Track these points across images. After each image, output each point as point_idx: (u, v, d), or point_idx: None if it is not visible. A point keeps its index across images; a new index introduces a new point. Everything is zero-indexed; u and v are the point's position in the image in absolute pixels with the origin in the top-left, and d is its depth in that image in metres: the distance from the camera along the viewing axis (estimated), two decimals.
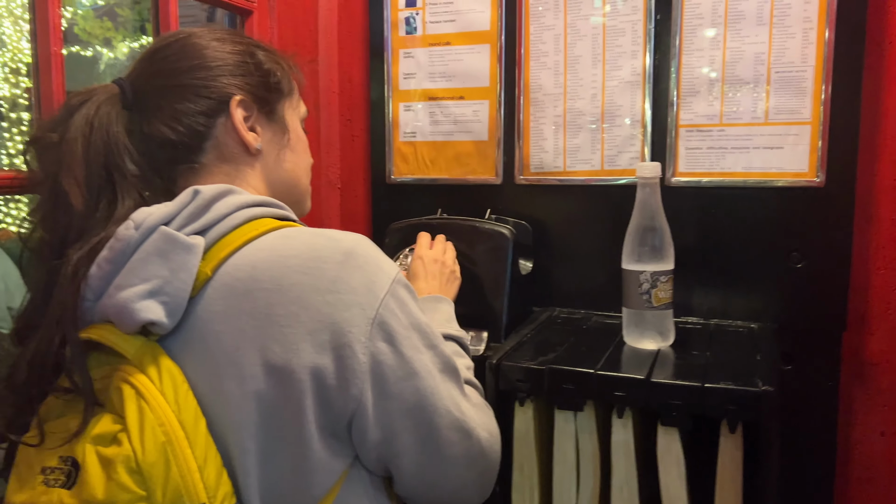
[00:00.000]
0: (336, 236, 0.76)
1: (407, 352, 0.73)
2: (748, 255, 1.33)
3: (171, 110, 0.83)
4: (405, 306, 0.75)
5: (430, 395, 0.75)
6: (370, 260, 0.74)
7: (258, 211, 0.78)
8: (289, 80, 0.92)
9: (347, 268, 0.72)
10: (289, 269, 0.71)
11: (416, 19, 1.52)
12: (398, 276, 0.76)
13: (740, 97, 1.30)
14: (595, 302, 1.42)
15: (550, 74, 1.42)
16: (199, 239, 0.73)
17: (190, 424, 0.69)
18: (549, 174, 1.44)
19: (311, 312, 0.70)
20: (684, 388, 1.00)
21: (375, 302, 0.72)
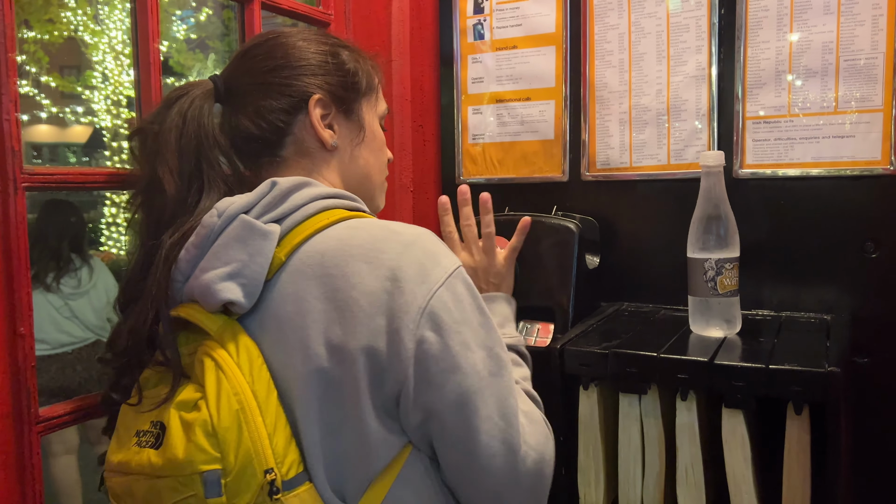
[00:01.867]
0: (399, 229, 0.80)
1: (454, 345, 0.75)
2: (819, 246, 1.31)
3: (255, 106, 0.90)
4: (460, 301, 0.77)
5: (472, 395, 0.75)
6: (428, 252, 0.78)
7: (330, 202, 0.84)
8: (370, 79, 0.97)
9: (405, 258, 0.76)
10: (352, 257, 0.76)
11: (483, 26, 1.58)
12: (457, 272, 0.78)
13: (808, 87, 1.29)
14: (664, 295, 1.43)
15: (615, 72, 1.45)
16: (276, 226, 0.80)
17: (262, 395, 0.75)
18: (616, 170, 1.47)
19: (370, 298, 0.75)
20: (749, 370, 1.00)
21: (428, 292, 0.75)
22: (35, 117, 8.28)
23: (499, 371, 0.78)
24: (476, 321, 0.78)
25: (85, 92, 7.81)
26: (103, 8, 7.59)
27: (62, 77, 7.94)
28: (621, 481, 1.12)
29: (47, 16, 7.30)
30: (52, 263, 2.82)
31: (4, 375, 0.92)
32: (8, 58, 0.90)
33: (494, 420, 0.76)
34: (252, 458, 0.72)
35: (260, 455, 0.72)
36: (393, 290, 0.74)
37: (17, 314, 0.93)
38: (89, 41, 7.50)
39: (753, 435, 1.03)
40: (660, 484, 1.09)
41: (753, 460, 1.03)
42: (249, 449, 0.72)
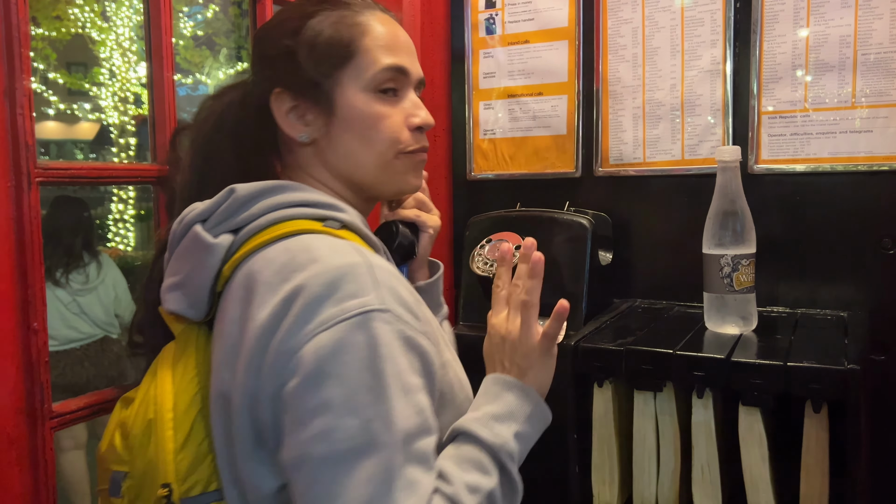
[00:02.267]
0: (322, 257, 0.69)
1: (311, 401, 0.64)
2: (836, 242, 1.30)
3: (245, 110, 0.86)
4: (347, 352, 0.64)
5: (313, 464, 0.63)
6: (331, 290, 0.66)
7: (290, 213, 0.76)
8: (350, 43, 0.80)
9: (305, 291, 0.67)
10: (264, 284, 0.70)
11: (495, 20, 1.57)
12: (363, 318, 0.65)
13: (825, 81, 1.28)
14: (677, 292, 1.42)
15: (629, 67, 1.44)
16: (224, 239, 0.76)
17: (182, 408, 0.73)
18: (629, 165, 1.45)
19: (259, 331, 0.68)
20: (766, 367, 0.99)
21: (308, 333, 0.65)
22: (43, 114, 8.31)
23: (367, 451, 0.62)
24: (361, 382, 0.64)
25: (92, 89, 7.82)
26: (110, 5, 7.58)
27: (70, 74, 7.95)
28: (636, 479, 1.11)
29: (55, 12, 7.31)
30: (63, 259, 2.82)
31: (18, 371, 0.92)
32: (22, 53, 0.90)
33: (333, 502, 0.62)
34: (153, 469, 0.71)
35: (159, 469, 0.71)
36: (275, 325, 0.67)
37: (30, 309, 0.92)
38: (97, 38, 7.50)
39: (771, 433, 1.02)
40: (675, 482, 1.08)
41: (771, 459, 1.02)
42: (152, 460, 0.71)
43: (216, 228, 0.77)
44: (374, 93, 0.80)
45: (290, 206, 0.77)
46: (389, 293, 0.69)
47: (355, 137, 0.81)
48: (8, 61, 0.89)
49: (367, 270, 0.69)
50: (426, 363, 0.70)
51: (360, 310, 0.66)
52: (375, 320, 0.66)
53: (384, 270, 0.71)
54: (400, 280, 0.73)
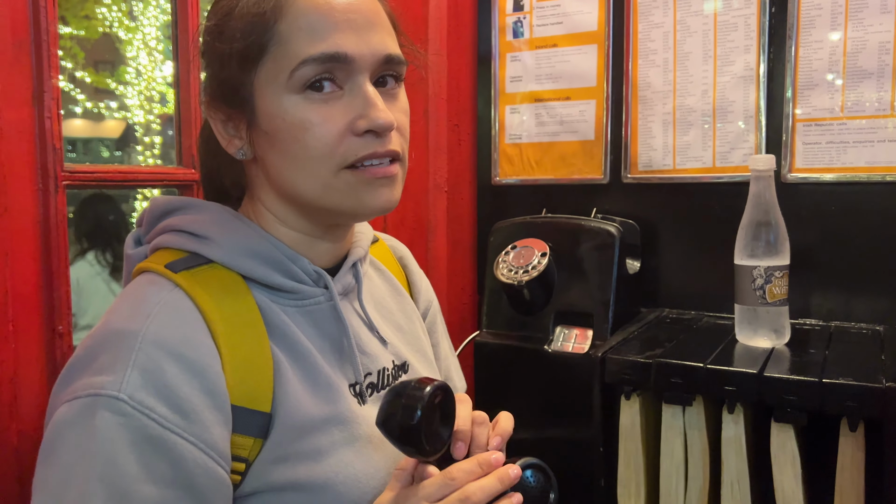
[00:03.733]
0: (114, 314, 0.61)
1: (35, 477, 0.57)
2: (872, 253, 1.26)
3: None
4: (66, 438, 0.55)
5: None
6: (86, 358, 0.59)
7: (168, 239, 0.69)
8: (266, 27, 0.62)
9: (79, 350, 0.60)
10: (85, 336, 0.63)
11: (523, 23, 1.55)
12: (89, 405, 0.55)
13: (863, 89, 1.24)
14: (707, 303, 1.39)
15: (659, 72, 1.41)
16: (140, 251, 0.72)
17: None
18: (658, 172, 1.43)
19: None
20: (800, 384, 0.96)
21: (57, 402, 0.58)
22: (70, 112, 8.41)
23: None
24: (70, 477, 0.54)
25: (118, 87, 7.90)
26: (137, 4, 7.66)
27: (97, 73, 8.04)
28: (663, 495, 1.08)
29: (83, 12, 7.40)
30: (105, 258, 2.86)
31: (43, 374, 0.92)
32: (51, 55, 0.90)
33: None
34: None
35: None
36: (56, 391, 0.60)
37: (56, 313, 0.93)
38: (124, 37, 7.59)
39: (804, 451, 0.99)
40: (703, 499, 1.06)
41: (804, 478, 0.99)
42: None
43: (143, 238, 0.74)
44: (301, 92, 0.63)
45: (175, 230, 0.69)
46: (142, 376, 0.56)
47: (280, 153, 0.65)
48: (37, 64, 0.89)
49: (136, 343, 0.57)
50: (182, 470, 0.56)
51: (94, 391, 0.55)
52: (100, 407, 0.54)
53: (163, 345, 0.57)
54: (184, 358, 0.58)
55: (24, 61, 0.89)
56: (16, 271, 0.88)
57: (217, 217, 0.70)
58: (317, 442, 0.65)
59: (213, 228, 0.68)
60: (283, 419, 0.63)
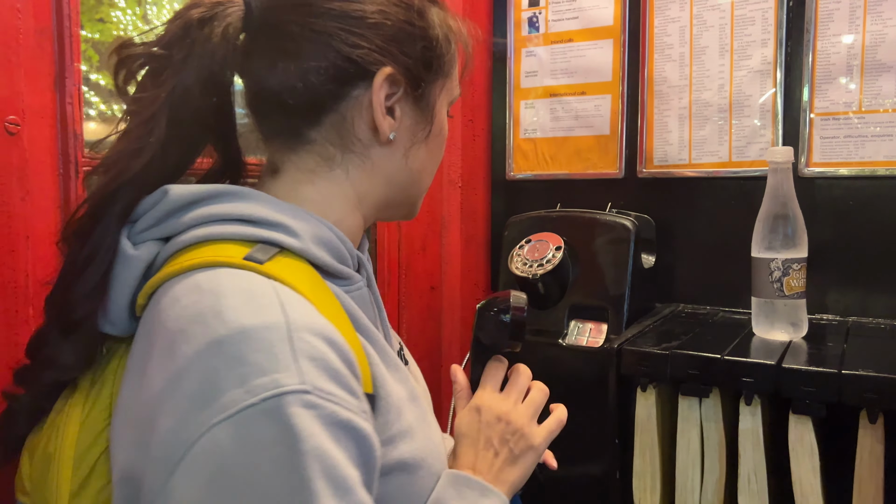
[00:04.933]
0: (228, 312, 0.53)
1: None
2: (890, 248, 1.25)
3: (299, 60, 0.65)
4: (254, 450, 0.49)
5: None
6: (234, 363, 0.51)
7: (222, 230, 0.62)
8: (453, 55, 0.72)
9: (199, 363, 0.52)
10: (161, 334, 0.56)
11: (538, 18, 1.55)
12: (268, 404, 0.49)
13: (882, 82, 1.24)
14: (723, 298, 1.38)
15: (675, 66, 1.41)
16: (148, 250, 0.63)
17: (84, 445, 0.61)
18: (674, 167, 1.43)
19: (153, 398, 0.53)
20: (819, 375, 0.95)
21: (201, 425, 0.49)
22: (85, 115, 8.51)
23: None
24: (276, 488, 0.49)
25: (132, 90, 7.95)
26: (152, 8, 7.72)
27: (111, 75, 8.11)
28: (678, 487, 1.08)
29: (98, 15, 7.46)
30: None
31: None
32: (73, 42, 0.91)
33: None
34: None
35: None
36: (168, 402, 0.52)
37: None
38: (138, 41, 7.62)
39: (822, 443, 0.98)
40: (719, 491, 1.05)
41: (822, 470, 0.98)
42: (50, 499, 0.61)
43: (142, 234, 0.63)
44: (447, 110, 0.75)
45: (225, 220, 0.62)
46: (312, 364, 0.52)
47: (431, 154, 0.73)
48: (59, 50, 0.90)
49: (285, 334, 0.53)
50: (365, 449, 0.54)
51: (272, 393, 0.50)
52: (291, 405, 0.50)
53: (310, 330, 0.54)
54: (329, 339, 0.55)
55: (47, 47, 0.89)
56: (36, 255, 0.88)
57: (275, 203, 0.65)
58: (407, 420, 0.64)
59: (281, 216, 0.63)
60: (383, 400, 0.62)
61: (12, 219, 0.85)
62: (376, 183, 0.70)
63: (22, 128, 0.86)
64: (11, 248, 0.85)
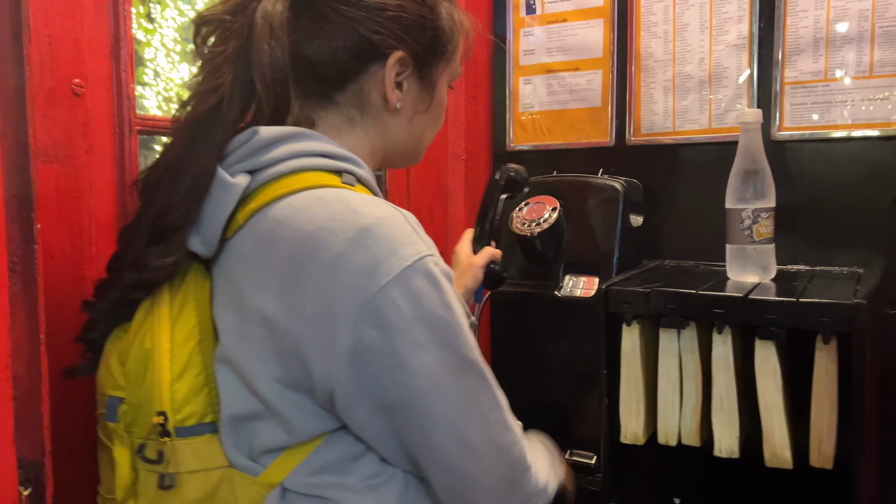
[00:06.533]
0: (361, 208, 0.71)
1: (401, 345, 0.68)
2: (853, 205, 1.38)
3: (332, 39, 0.80)
4: (416, 297, 0.69)
5: (423, 395, 0.70)
6: (384, 241, 0.69)
7: (312, 162, 0.77)
8: (457, 43, 0.89)
9: (355, 246, 0.69)
10: (301, 234, 0.70)
11: (535, 0, 1.69)
12: (418, 264, 0.69)
13: (844, 53, 1.37)
14: (704, 254, 1.50)
15: (660, 42, 1.54)
16: (242, 179, 0.76)
17: (179, 339, 0.74)
18: (660, 135, 1.56)
19: (311, 281, 0.69)
20: (780, 304, 1.08)
21: (373, 287, 0.68)
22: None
23: (462, 369, 0.72)
24: (437, 318, 0.70)
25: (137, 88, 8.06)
26: (156, 7, 7.83)
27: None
28: (660, 412, 1.21)
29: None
30: None
31: None
32: (126, 15, 1.04)
33: (450, 419, 0.71)
34: (148, 397, 0.73)
35: (154, 398, 0.72)
36: (333, 280, 0.68)
37: None
38: (142, 38, 7.74)
39: (785, 366, 1.11)
40: (696, 414, 1.18)
41: (784, 389, 1.11)
42: (148, 388, 0.73)
43: (234, 167, 0.77)
44: (449, 85, 0.93)
45: (310, 155, 0.78)
46: (425, 237, 0.74)
47: (430, 122, 0.91)
48: (114, 22, 1.03)
49: (405, 220, 0.73)
50: (463, 308, 0.76)
51: (417, 257, 0.70)
52: (429, 263, 0.71)
53: (413, 219, 0.75)
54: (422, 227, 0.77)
55: (104, 20, 1.02)
56: (97, 201, 1.02)
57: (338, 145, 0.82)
58: None
59: (348, 153, 0.81)
60: None
61: (79, 169, 0.99)
62: (386, 140, 0.88)
63: (85, 90, 1.00)
64: (77, 194, 0.99)
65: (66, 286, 0.94)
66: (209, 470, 0.73)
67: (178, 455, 0.72)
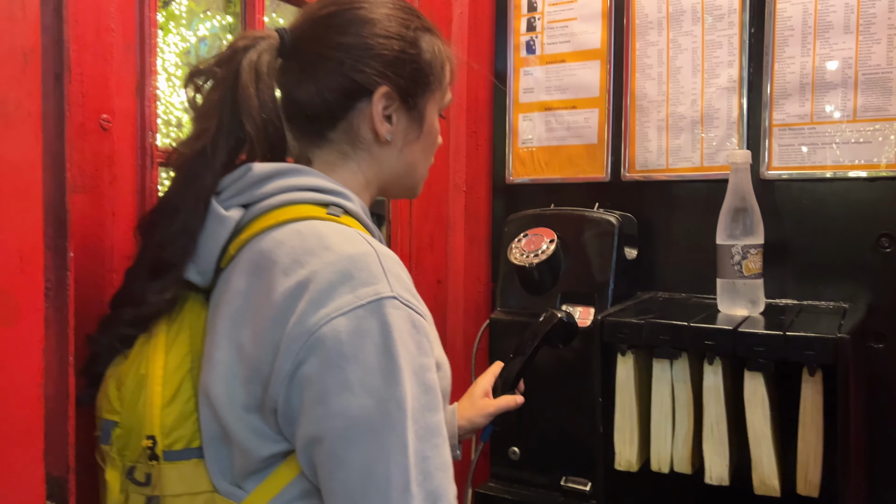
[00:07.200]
0: (334, 245, 0.74)
1: (328, 379, 0.69)
2: (839, 242, 1.44)
3: (317, 82, 0.85)
4: (361, 337, 0.69)
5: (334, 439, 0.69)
6: (345, 278, 0.71)
7: (300, 196, 0.81)
8: (443, 72, 0.92)
9: (318, 279, 0.71)
10: (276, 266, 0.74)
11: (535, 42, 1.76)
12: (373, 305, 0.70)
13: (829, 98, 1.44)
14: (696, 286, 1.56)
15: (654, 84, 1.61)
16: (236, 212, 0.81)
17: (172, 366, 0.77)
18: (653, 171, 1.62)
19: (274, 309, 0.72)
20: (768, 337, 1.14)
21: (324, 318, 0.69)
22: None
23: (382, 425, 0.68)
24: (377, 366, 0.69)
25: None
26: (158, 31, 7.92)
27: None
28: (654, 439, 1.26)
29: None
30: None
31: None
32: (152, 55, 1.10)
33: (351, 478, 0.68)
34: (140, 421, 0.76)
35: (146, 420, 0.75)
36: (292, 307, 0.71)
37: None
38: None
39: (773, 397, 1.16)
40: (688, 442, 1.23)
41: (773, 419, 1.16)
42: (140, 412, 0.76)
43: (228, 201, 0.82)
44: (440, 113, 0.96)
45: (300, 189, 0.81)
46: (396, 280, 0.74)
47: (422, 151, 0.93)
48: (140, 63, 1.09)
49: (377, 259, 0.73)
50: (430, 344, 0.75)
51: (374, 297, 0.70)
52: (387, 307, 0.71)
53: (389, 258, 0.76)
54: (401, 265, 0.78)
55: (131, 59, 1.08)
56: (119, 229, 1.06)
57: (329, 179, 0.85)
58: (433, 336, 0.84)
59: (338, 187, 0.84)
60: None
61: (103, 199, 1.03)
62: (380, 171, 0.91)
63: (112, 124, 1.05)
64: (101, 222, 1.04)
65: (90, 311, 0.98)
66: (194, 494, 0.75)
67: (164, 478, 0.75)
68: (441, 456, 0.71)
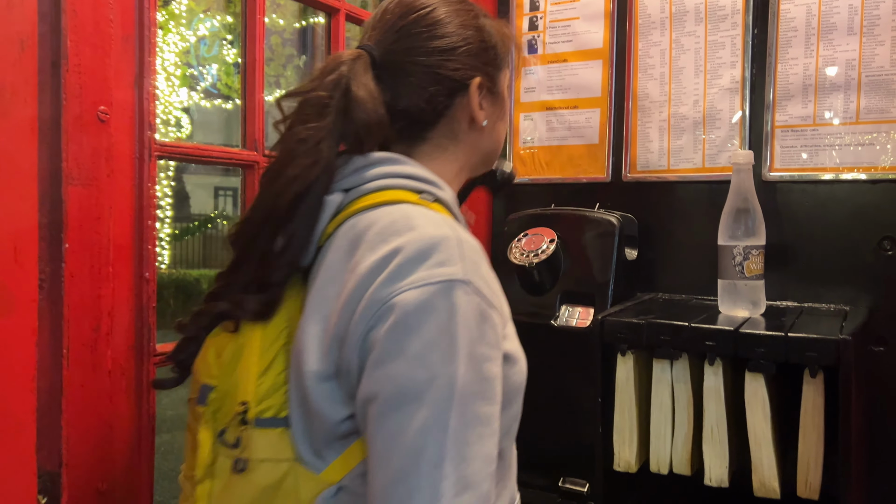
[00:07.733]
0: (419, 226, 0.77)
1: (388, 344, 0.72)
2: (840, 244, 1.43)
3: (420, 88, 0.90)
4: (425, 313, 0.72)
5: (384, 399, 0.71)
6: (424, 256, 0.74)
7: (395, 182, 0.86)
8: (506, 50, 0.98)
9: (398, 254, 0.75)
10: (365, 241, 0.78)
11: (537, 41, 1.76)
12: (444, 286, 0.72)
13: (832, 99, 1.43)
14: (696, 287, 1.55)
15: (656, 84, 1.61)
16: (337, 196, 0.86)
17: (270, 338, 0.81)
18: (655, 172, 1.61)
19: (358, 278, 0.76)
20: (769, 338, 1.13)
21: (397, 289, 0.73)
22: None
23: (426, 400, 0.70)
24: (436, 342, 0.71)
25: None
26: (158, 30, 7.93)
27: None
28: (653, 440, 1.25)
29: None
30: None
31: (131, 313, 1.09)
32: (151, 47, 1.09)
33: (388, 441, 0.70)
34: (236, 387, 0.80)
35: (239, 389, 0.79)
36: (372, 277, 0.75)
37: (143, 262, 1.10)
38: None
39: (773, 398, 1.16)
40: (687, 443, 1.22)
41: (773, 421, 1.15)
42: (237, 379, 0.80)
43: (332, 186, 0.86)
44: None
45: (396, 176, 0.87)
46: (473, 267, 0.75)
47: (503, 123, 1.00)
48: (139, 54, 1.08)
49: (457, 244, 0.76)
50: (497, 336, 0.76)
51: (446, 278, 0.73)
52: (457, 289, 0.72)
53: (470, 246, 0.78)
54: (483, 257, 0.80)
55: (130, 52, 1.07)
56: (115, 223, 1.06)
57: (426, 169, 0.89)
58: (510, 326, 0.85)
59: (433, 176, 0.88)
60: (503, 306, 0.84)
61: (100, 192, 1.02)
62: (473, 155, 0.97)
63: (110, 117, 1.04)
64: (98, 215, 1.03)
65: (84, 304, 0.97)
66: (278, 461, 0.78)
67: (252, 442, 0.78)
68: (484, 447, 0.72)
